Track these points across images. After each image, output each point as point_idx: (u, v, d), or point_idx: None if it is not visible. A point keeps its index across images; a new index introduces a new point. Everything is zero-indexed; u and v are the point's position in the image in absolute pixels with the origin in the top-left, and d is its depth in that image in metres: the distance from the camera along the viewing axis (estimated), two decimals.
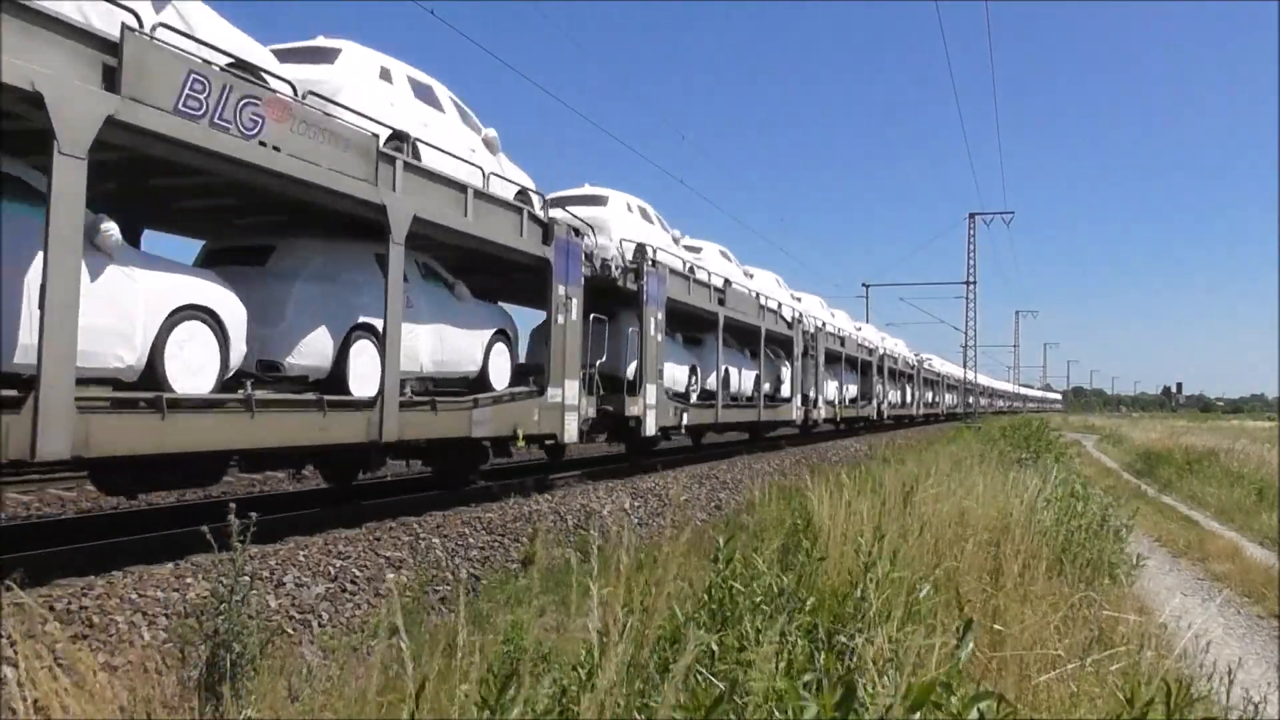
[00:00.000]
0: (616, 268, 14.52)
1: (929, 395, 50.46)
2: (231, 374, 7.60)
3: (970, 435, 26.92)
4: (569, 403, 12.27)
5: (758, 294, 21.87)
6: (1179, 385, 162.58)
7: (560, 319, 12.10)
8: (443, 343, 10.32)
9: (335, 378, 8.70)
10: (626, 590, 3.29)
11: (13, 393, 5.66)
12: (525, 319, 14.45)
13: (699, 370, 18.87)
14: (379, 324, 8.88)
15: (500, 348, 11.74)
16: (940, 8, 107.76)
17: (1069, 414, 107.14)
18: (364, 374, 8.83)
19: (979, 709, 2.45)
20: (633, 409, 14.53)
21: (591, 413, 13.37)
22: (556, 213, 13.08)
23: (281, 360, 8.33)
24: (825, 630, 3.94)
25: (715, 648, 3.56)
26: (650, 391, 15.04)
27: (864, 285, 61.42)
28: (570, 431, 12.40)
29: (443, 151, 10.08)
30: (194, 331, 7.16)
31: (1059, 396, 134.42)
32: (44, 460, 5.73)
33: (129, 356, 6.65)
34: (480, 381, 11.23)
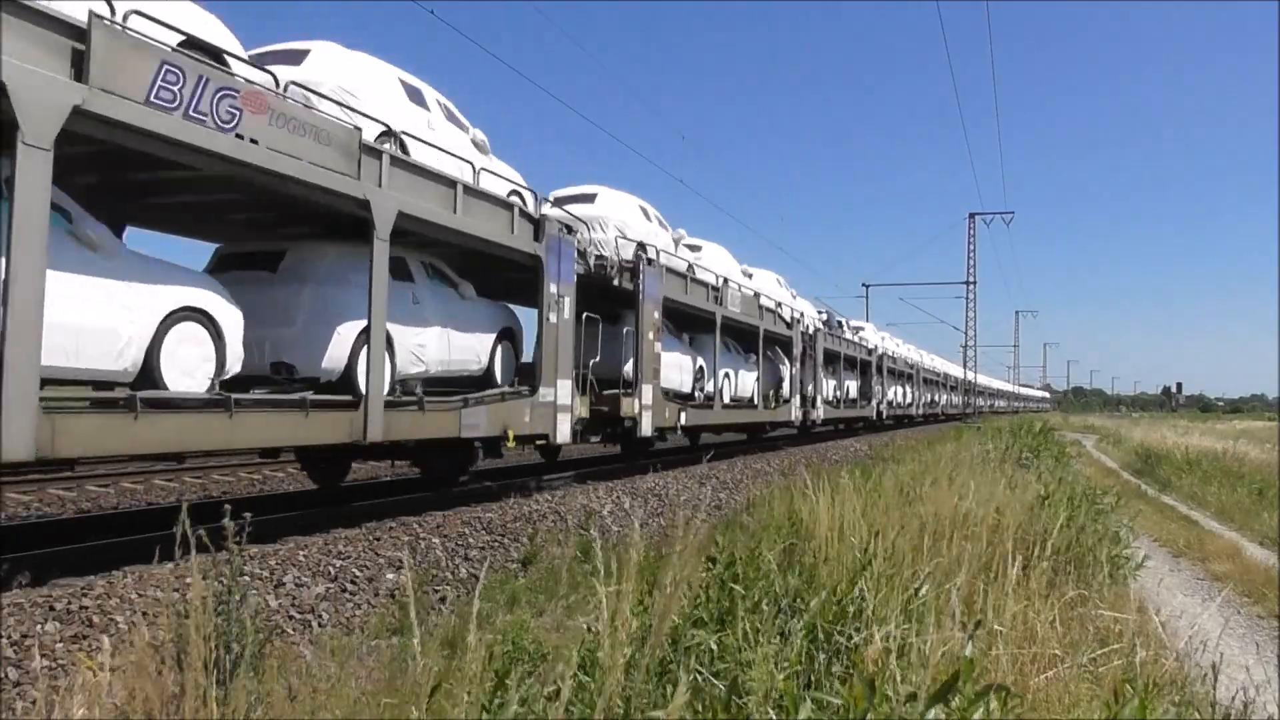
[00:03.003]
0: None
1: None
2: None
3: (970, 435, 26.91)
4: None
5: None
6: (1179, 385, 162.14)
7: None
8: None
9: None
10: (637, 586, 3.29)
11: None
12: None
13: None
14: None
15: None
16: (941, 7, 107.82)
17: (1069, 414, 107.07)
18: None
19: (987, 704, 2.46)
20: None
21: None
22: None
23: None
24: (824, 630, 3.94)
25: (715, 647, 3.56)
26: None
27: (864, 285, 61.56)
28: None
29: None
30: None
31: (1047, 395, 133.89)
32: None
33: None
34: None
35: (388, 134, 9.34)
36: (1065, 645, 4.15)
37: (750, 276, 22.54)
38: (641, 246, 15.21)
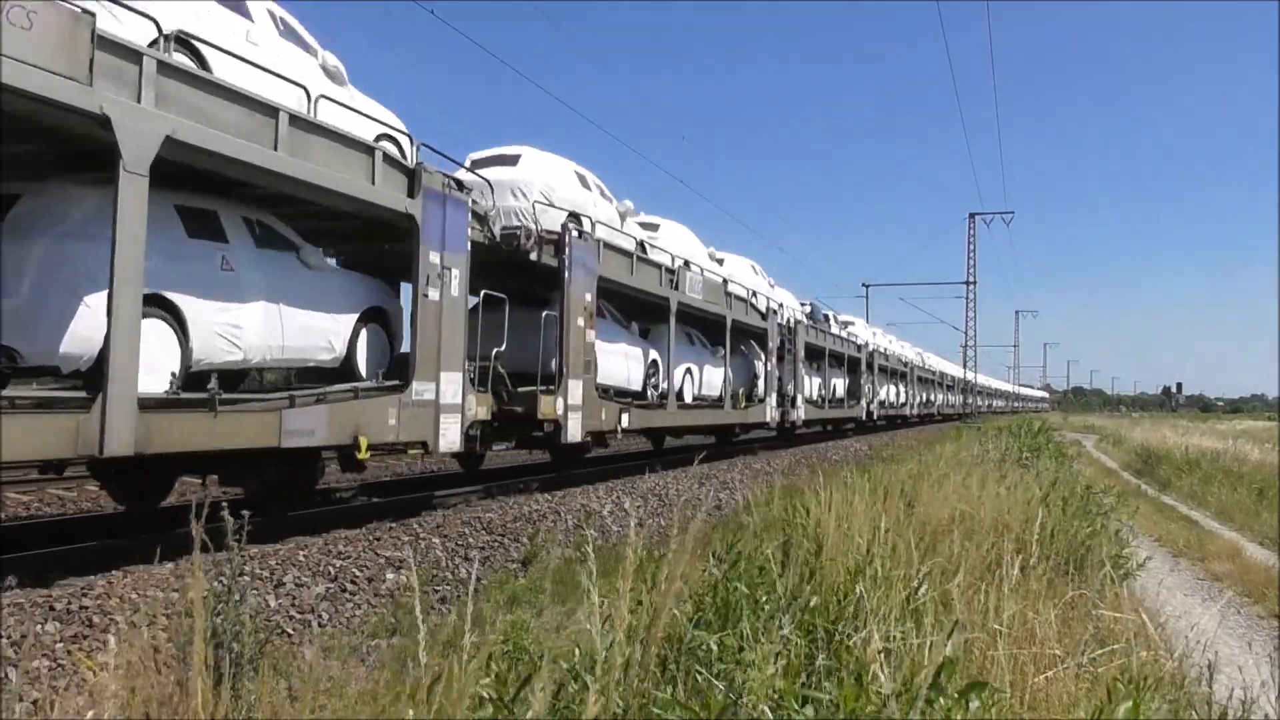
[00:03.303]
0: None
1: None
2: None
3: (970, 435, 26.91)
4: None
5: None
6: (1179, 385, 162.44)
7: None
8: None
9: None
10: (636, 582, 3.29)
11: None
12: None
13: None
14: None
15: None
16: (941, 7, 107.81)
17: (1069, 414, 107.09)
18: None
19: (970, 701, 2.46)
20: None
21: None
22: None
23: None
24: (824, 630, 3.94)
25: (715, 647, 3.56)
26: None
27: (864, 285, 61.58)
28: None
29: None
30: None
31: (1045, 395, 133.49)
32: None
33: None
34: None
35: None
36: (1065, 645, 4.15)
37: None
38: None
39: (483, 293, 10.79)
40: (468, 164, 11.73)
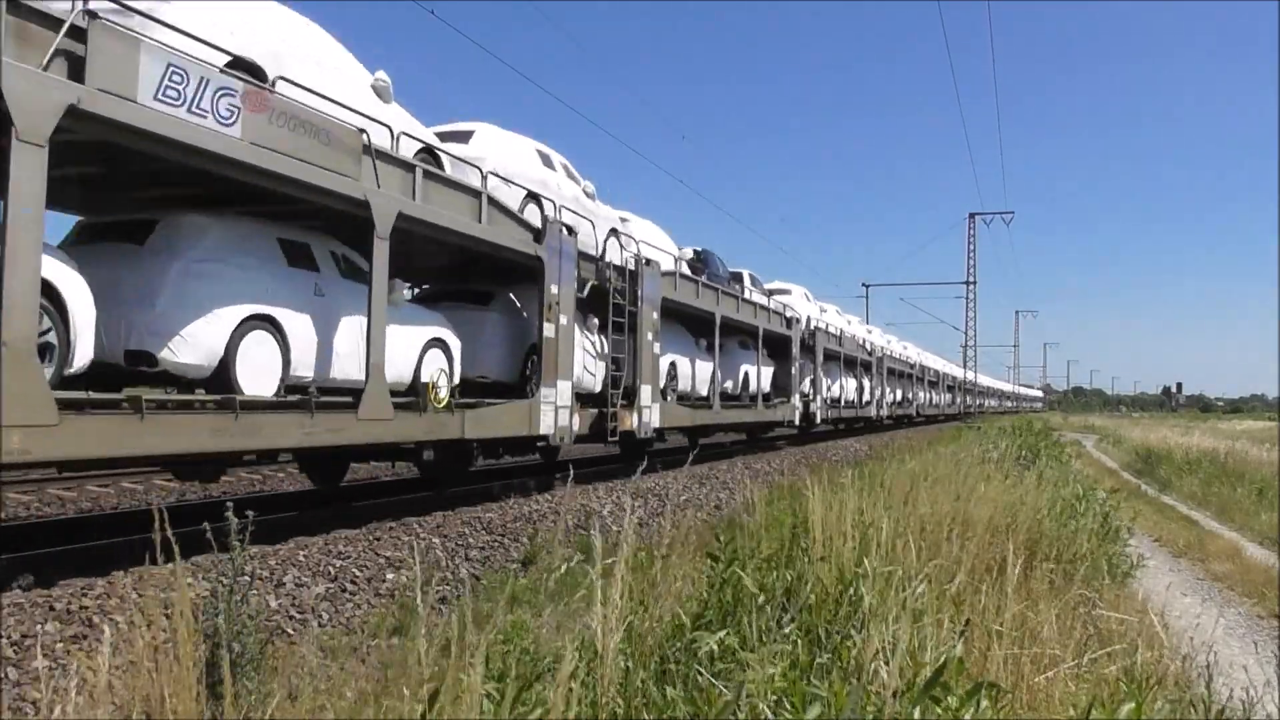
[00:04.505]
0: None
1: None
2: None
3: (971, 435, 26.89)
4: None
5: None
6: (1179, 385, 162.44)
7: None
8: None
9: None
10: (637, 580, 3.29)
11: None
12: None
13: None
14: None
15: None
16: (941, 7, 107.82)
17: (1069, 414, 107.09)
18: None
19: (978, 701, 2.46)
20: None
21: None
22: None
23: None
24: (824, 629, 3.94)
25: (715, 647, 3.56)
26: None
27: (864, 285, 61.60)
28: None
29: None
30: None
31: (1040, 395, 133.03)
32: None
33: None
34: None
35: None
36: (1065, 646, 4.15)
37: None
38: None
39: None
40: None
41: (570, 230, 12.72)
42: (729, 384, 20.80)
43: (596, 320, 14.28)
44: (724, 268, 21.25)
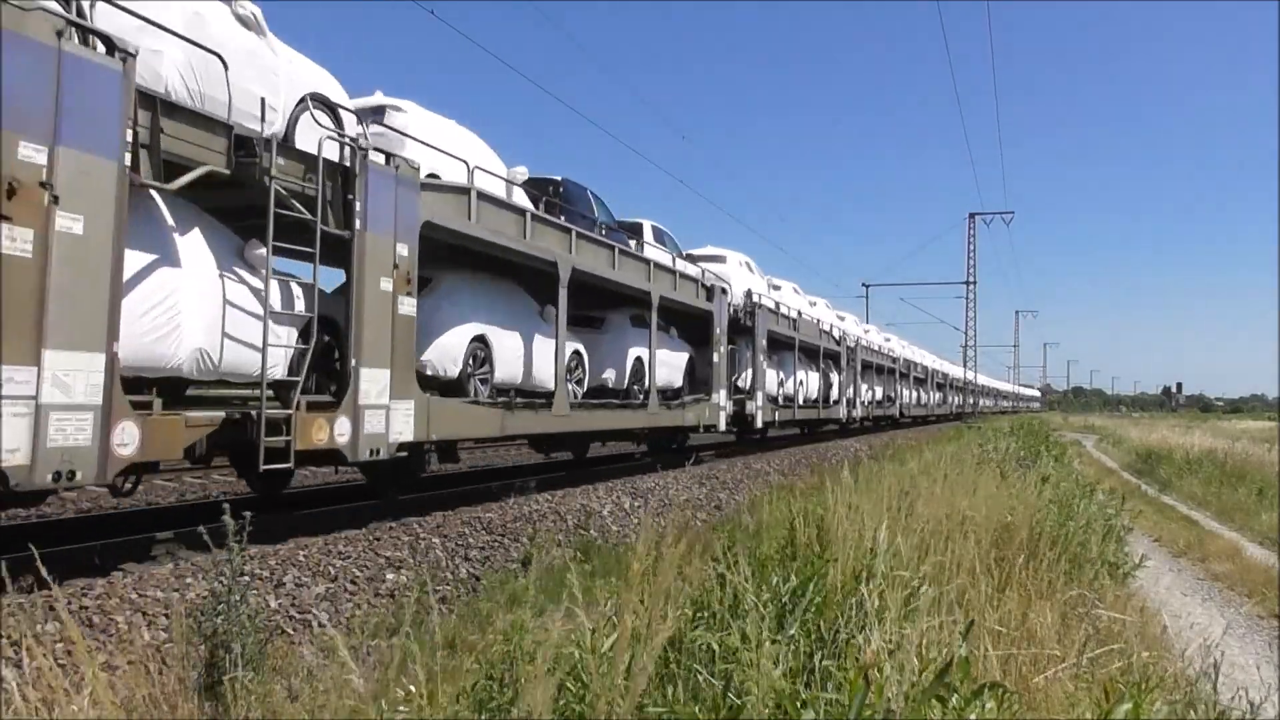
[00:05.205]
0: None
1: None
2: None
3: (971, 436, 26.88)
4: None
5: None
6: (1179, 385, 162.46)
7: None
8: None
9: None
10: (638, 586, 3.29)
11: None
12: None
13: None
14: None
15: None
16: (941, 7, 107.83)
17: (1069, 414, 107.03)
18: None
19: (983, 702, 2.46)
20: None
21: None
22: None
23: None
24: (825, 630, 3.94)
25: (716, 647, 3.56)
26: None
27: (864, 285, 61.58)
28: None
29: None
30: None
31: (1038, 395, 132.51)
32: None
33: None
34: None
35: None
36: (1065, 646, 4.15)
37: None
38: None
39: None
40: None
41: None
42: (609, 374, 14.83)
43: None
44: (609, 215, 15.62)
